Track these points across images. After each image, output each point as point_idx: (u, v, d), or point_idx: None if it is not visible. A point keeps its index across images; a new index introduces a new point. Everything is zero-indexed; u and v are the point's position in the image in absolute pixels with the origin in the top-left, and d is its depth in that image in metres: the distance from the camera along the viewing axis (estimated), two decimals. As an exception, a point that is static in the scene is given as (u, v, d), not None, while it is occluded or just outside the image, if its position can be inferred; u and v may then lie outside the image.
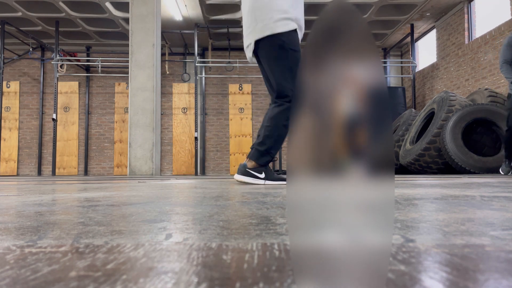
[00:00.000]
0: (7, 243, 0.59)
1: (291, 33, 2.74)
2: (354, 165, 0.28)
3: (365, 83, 0.28)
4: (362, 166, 0.28)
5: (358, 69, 0.28)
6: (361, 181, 0.28)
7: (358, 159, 0.28)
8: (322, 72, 0.29)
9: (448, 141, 5.69)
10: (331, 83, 0.29)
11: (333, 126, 0.29)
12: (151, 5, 7.35)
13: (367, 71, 0.28)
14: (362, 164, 0.28)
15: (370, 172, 0.28)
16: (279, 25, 2.71)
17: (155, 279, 0.39)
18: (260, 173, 2.74)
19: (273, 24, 2.71)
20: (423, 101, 10.14)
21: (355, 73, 0.28)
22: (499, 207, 1.00)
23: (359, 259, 0.28)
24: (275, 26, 2.71)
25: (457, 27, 8.66)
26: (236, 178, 2.77)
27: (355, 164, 0.28)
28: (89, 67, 11.27)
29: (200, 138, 10.82)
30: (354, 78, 0.28)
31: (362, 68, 0.28)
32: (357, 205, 0.28)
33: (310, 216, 0.29)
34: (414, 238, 0.59)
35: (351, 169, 0.28)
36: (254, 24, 2.77)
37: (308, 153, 0.29)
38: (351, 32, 0.28)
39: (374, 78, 0.28)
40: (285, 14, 2.71)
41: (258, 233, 0.65)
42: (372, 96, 0.28)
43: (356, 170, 0.28)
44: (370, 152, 0.28)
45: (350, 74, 0.28)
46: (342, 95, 0.29)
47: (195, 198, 1.43)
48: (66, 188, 2.32)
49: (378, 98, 0.28)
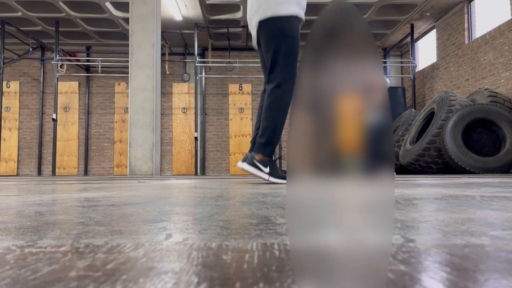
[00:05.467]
0: (7, 243, 0.59)
1: (292, 19, 2.76)
2: (354, 165, 0.28)
3: (365, 83, 0.28)
4: (362, 166, 0.28)
5: (358, 69, 0.28)
6: (361, 181, 0.28)
7: (358, 159, 0.28)
8: (322, 72, 0.29)
9: (448, 141, 5.69)
10: (331, 83, 0.29)
11: (333, 126, 0.29)
12: (151, 5, 7.35)
13: (367, 71, 0.28)
14: (362, 164, 0.28)
15: (370, 172, 0.28)
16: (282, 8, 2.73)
17: (155, 279, 0.39)
18: (266, 167, 2.73)
19: (276, 6, 2.74)
20: (423, 101, 10.14)
21: (355, 73, 0.28)
22: (499, 207, 1.00)
23: (359, 259, 0.28)
24: (277, 9, 2.73)
25: (457, 27, 8.66)
26: (241, 167, 2.75)
27: (355, 164, 0.28)
28: (89, 67, 11.28)
29: (200, 138, 10.83)
30: (354, 78, 0.28)
31: (362, 68, 0.28)
32: (357, 205, 0.28)
33: (310, 216, 0.29)
34: (414, 238, 0.59)
35: (351, 169, 0.28)
36: (258, 5, 2.80)
37: (308, 153, 0.29)
38: (351, 32, 0.28)
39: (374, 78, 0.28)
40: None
41: (258, 233, 0.65)
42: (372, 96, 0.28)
43: (356, 170, 0.28)
44: (370, 152, 0.28)
45: (350, 74, 0.28)
46: (342, 95, 0.29)
47: (195, 198, 1.43)
48: (66, 188, 2.32)
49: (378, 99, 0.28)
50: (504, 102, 6.10)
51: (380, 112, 0.28)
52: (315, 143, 0.29)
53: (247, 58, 10.97)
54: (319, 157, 0.29)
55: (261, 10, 2.78)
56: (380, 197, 0.28)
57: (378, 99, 0.28)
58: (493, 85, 7.38)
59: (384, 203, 0.28)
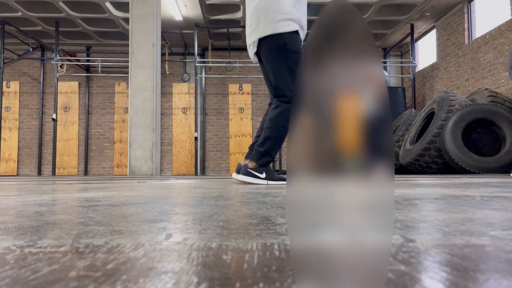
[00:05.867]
0: (7, 243, 0.59)
1: (293, 34, 2.77)
2: (354, 165, 0.28)
3: (365, 84, 0.28)
4: (362, 166, 0.28)
5: (358, 70, 0.28)
6: (361, 181, 0.28)
7: (358, 159, 0.28)
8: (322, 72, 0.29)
9: (448, 141, 5.69)
10: (331, 83, 0.29)
11: (333, 126, 0.29)
12: (151, 5, 7.35)
13: (367, 72, 0.28)
14: (362, 164, 0.28)
15: (370, 172, 0.28)
16: (281, 25, 2.74)
17: (155, 279, 0.39)
18: (261, 173, 2.77)
19: (275, 24, 2.74)
20: (423, 101, 10.14)
21: (355, 73, 0.28)
22: (499, 207, 1.00)
23: (359, 259, 0.28)
24: (276, 26, 2.74)
25: (457, 27, 8.66)
26: (237, 178, 2.78)
27: (355, 164, 0.28)
28: (89, 67, 11.27)
29: (200, 138, 10.82)
30: (354, 79, 0.28)
31: (362, 69, 0.28)
32: (357, 205, 0.28)
33: (310, 216, 0.29)
34: (414, 238, 0.59)
35: (351, 169, 0.28)
36: (257, 23, 2.81)
37: (308, 154, 0.29)
38: (351, 32, 0.28)
39: (374, 78, 0.28)
40: (287, 15, 2.75)
41: (258, 233, 0.65)
42: (372, 96, 0.28)
43: (356, 170, 0.28)
44: (370, 152, 0.28)
45: (350, 75, 0.28)
46: (342, 96, 0.29)
47: (195, 198, 1.43)
48: (66, 188, 2.32)
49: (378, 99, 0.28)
50: (504, 102, 6.10)
51: (380, 112, 0.28)
52: (315, 143, 0.29)
53: (247, 58, 10.96)
54: (319, 157, 0.29)
55: (260, 28, 2.79)
56: (380, 197, 0.28)
57: (378, 99, 0.28)
58: (493, 85, 7.38)
59: (384, 203, 0.28)
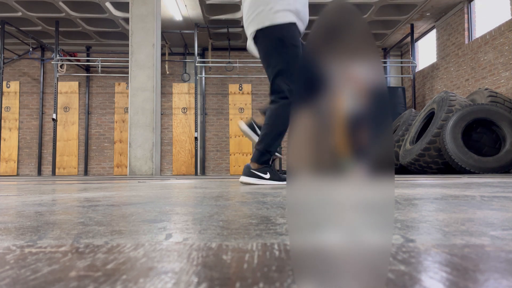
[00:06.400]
0: (7, 243, 0.59)
1: (291, 27, 2.70)
2: (354, 165, 0.28)
3: (365, 83, 0.28)
4: (362, 166, 0.28)
5: (358, 69, 0.28)
6: (361, 181, 0.28)
7: (358, 159, 0.28)
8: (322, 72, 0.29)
9: (448, 141, 5.69)
10: (331, 83, 0.29)
11: (333, 126, 0.29)
12: (151, 5, 7.35)
13: (367, 71, 0.28)
14: (362, 164, 0.28)
15: (370, 172, 0.28)
16: (279, 16, 2.67)
17: (155, 279, 0.39)
18: (265, 173, 2.71)
19: (272, 15, 2.67)
20: (423, 101, 10.14)
21: (355, 73, 0.28)
22: (499, 207, 1.00)
23: (359, 259, 0.28)
24: (274, 17, 2.67)
25: (457, 27, 8.66)
26: (241, 180, 2.73)
27: (355, 164, 0.28)
28: (89, 67, 11.27)
29: (200, 138, 10.82)
30: (354, 78, 0.28)
31: (362, 68, 0.28)
32: (357, 205, 0.28)
33: (310, 216, 0.29)
34: (414, 238, 0.59)
35: (351, 169, 0.28)
36: (255, 14, 2.74)
37: (308, 153, 0.29)
38: (351, 32, 0.28)
39: (374, 78, 0.28)
40: (286, 6, 2.68)
41: (258, 233, 0.65)
42: (372, 96, 0.28)
43: (356, 170, 0.28)
44: (370, 152, 0.28)
45: (350, 74, 0.28)
46: (342, 95, 0.29)
47: (195, 198, 1.43)
48: (66, 188, 2.32)
49: (378, 98, 0.28)
50: (504, 102, 6.09)
51: (380, 112, 0.28)
52: (315, 143, 0.29)
53: (247, 58, 10.97)
54: (319, 157, 0.29)
55: (258, 19, 2.71)
56: (380, 197, 0.28)
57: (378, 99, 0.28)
58: (493, 85, 7.38)
59: (384, 203, 0.28)
